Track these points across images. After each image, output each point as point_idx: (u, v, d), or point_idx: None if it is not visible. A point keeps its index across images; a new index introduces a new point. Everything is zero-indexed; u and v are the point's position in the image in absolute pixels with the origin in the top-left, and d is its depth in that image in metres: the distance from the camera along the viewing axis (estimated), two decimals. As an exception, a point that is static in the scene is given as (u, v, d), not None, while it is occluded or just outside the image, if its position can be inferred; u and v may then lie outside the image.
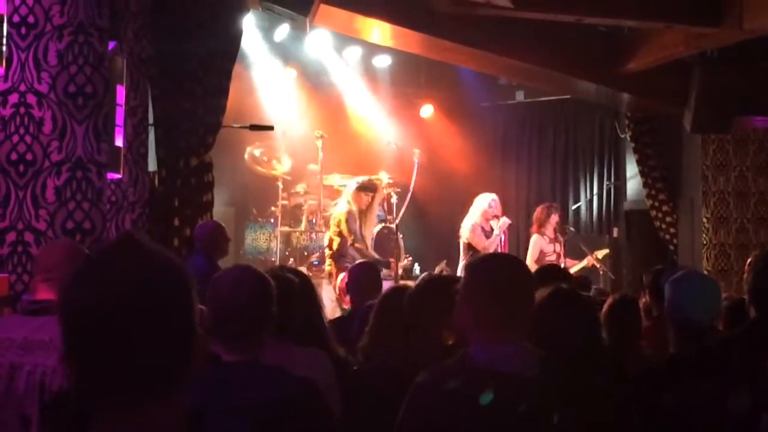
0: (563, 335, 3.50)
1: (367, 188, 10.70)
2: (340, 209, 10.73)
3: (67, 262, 3.82)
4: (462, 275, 3.42)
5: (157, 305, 1.61)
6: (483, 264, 3.35)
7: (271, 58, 12.66)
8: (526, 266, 3.44)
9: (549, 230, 11.27)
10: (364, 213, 10.67)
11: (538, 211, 11.53)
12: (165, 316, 1.62)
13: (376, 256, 10.61)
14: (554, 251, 11.25)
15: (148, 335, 1.59)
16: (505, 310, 3.06)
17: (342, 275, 10.17)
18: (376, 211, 11.19)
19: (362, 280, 6.48)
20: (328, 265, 10.66)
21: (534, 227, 11.40)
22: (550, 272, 5.54)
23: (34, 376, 3.48)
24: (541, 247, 11.23)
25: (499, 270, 3.20)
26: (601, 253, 11.42)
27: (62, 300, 1.66)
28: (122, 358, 1.58)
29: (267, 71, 12.92)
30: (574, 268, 11.18)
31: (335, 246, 10.48)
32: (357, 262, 8.16)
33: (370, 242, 10.87)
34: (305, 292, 4.07)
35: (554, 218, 11.32)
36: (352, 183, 10.86)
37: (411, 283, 6.49)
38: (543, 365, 3.02)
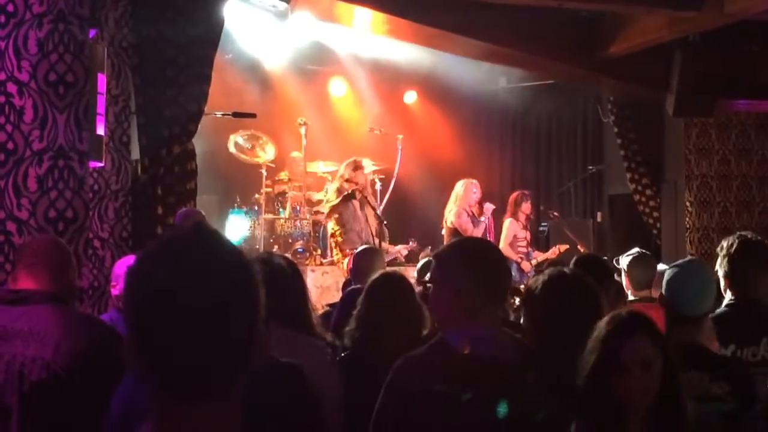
0: (564, 319, 3.47)
1: (360, 166, 10.67)
2: (332, 194, 10.74)
3: (53, 252, 3.82)
4: (434, 261, 3.40)
5: (227, 295, 1.59)
6: (456, 249, 3.35)
7: (253, 45, 12.62)
8: (499, 250, 3.45)
9: (522, 217, 11.43)
10: (365, 193, 10.65)
11: (511, 197, 11.70)
12: (234, 309, 1.60)
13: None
14: (525, 238, 11.43)
15: (215, 327, 1.57)
16: (480, 294, 3.06)
17: (347, 260, 10.16)
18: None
19: (358, 264, 6.41)
20: (336, 254, 10.62)
21: (508, 212, 11.55)
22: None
23: (13, 366, 3.47)
24: (514, 232, 11.39)
25: (473, 254, 3.20)
26: (563, 248, 11.53)
27: (131, 286, 1.63)
28: (190, 353, 1.56)
29: (249, 58, 12.88)
30: (540, 258, 11.38)
31: (337, 233, 10.49)
32: (361, 248, 8.08)
33: (374, 222, 10.82)
34: (293, 278, 4.06)
35: (525, 206, 11.51)
36: (342, 167, 10.81)
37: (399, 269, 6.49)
38: (519, 348, 3.03)
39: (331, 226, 10.70)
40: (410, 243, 11.83)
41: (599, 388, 2.93)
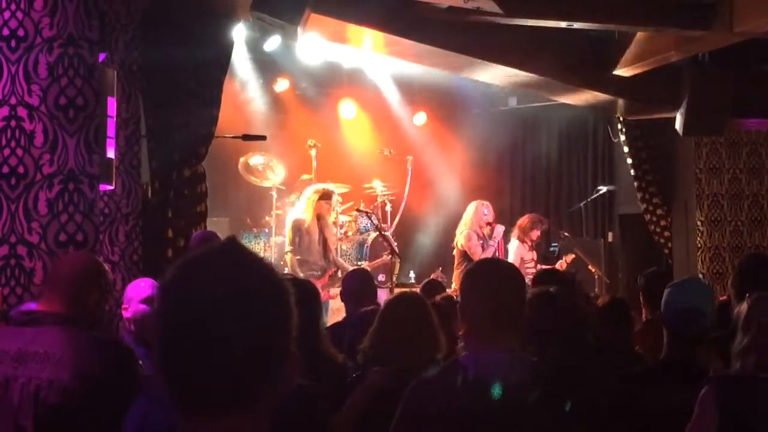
0: (548, 336, 3.48)
1: (329, 197, 10.46)
2: (289, 219, 10.50)
3: (72, 274, 3.80)
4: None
5: (256, 316, 1.58)
6: (474, 271, 3.35)
7: (263, 68, 12.67)
8: (519, 272, 3.42)
9: (528, 240, 11.35)
10: (324, 220, 10.44)
11: (524, 220, 11.59)
12: (262, 328, 1.59)
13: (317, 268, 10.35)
14: (532, 259, 11.36)
15: (242, 347, 1.56)
16: (496, 317, 3.05)
17: None
18: (336, 211, 11.04)
19: (355, 287, 6.46)
20: None
21: (517, 234, 11.46)
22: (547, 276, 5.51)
23: (29, 388, 3.47)
24: (521, 255, 11.30)
25: (490, 277, 3.19)
26: (569, 258, 11.50)
27: (160, 303, 1.63)
28: (214, 368, 1.56)
29: (259, 81, 12.93)
30: None
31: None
32: (351, 269, 8.09)
33: (335, 247, 10.69)
34: (304, 299, 4.06)
35: (535, 233, 11.41)
36: (308, 192, 10.60)
37: (415, 290, 6.49)
38: (532, 371, 3.01)
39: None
40: (438, 271, 11.80)
41: None
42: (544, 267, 11.13)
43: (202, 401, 1.59)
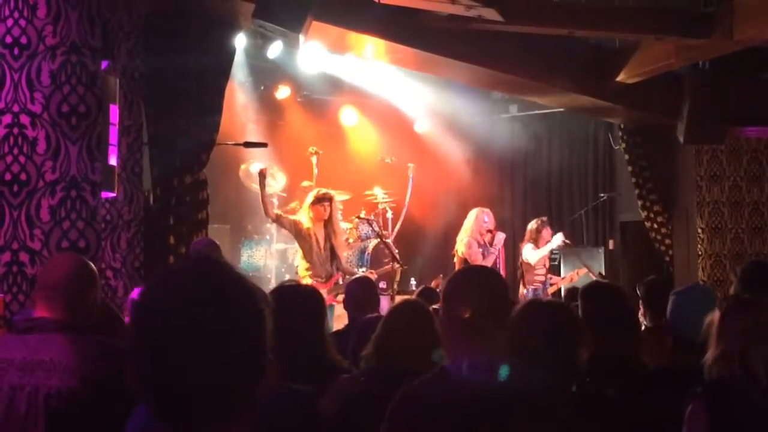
0: (536, 346, 3.48)
1: (322, 200, 10.39)
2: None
3: (73, 281, 3.78)
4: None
5: (228, 326, 1.59)
6: (456, 278, 3.37)
7: (264, 75, 12.68)
8: (501, 278, 3.45)
9: (542, 243, 11.32)
10: (328, 223, 10.39)
11: (533, 226, 11.57)
12: (235, 338, 1.60)
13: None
14: (543, 265, 11.34)
15: (216, 356, 1.57)
16: (478, 322, 3.05)
17: None
18: (338, 219, 10.96)
19: (358, 294, 6.48)
20: None
21: (526, 239, 11.45)
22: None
23: (37, 397, 3.47)
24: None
25: (473, 282, 3.20)
26: (582, 272, 11.50)
27: (135, 317, 1.65)
28: (190, 379, 1.57)
29: (260, 88, 12.94)
30: (559, 284, 11.35)
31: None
32: (355, 276, 8.12)
33: (343, 252, 10.66)
34: (309, 304, 4.09)
35: (545, 232, 11.37)
36: (307, 198, 10.52)
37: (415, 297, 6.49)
38: (517, 376, 3.02)
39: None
40: (439, 278, 11.78)
41: None
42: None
43: (181, 412, 1.60)
